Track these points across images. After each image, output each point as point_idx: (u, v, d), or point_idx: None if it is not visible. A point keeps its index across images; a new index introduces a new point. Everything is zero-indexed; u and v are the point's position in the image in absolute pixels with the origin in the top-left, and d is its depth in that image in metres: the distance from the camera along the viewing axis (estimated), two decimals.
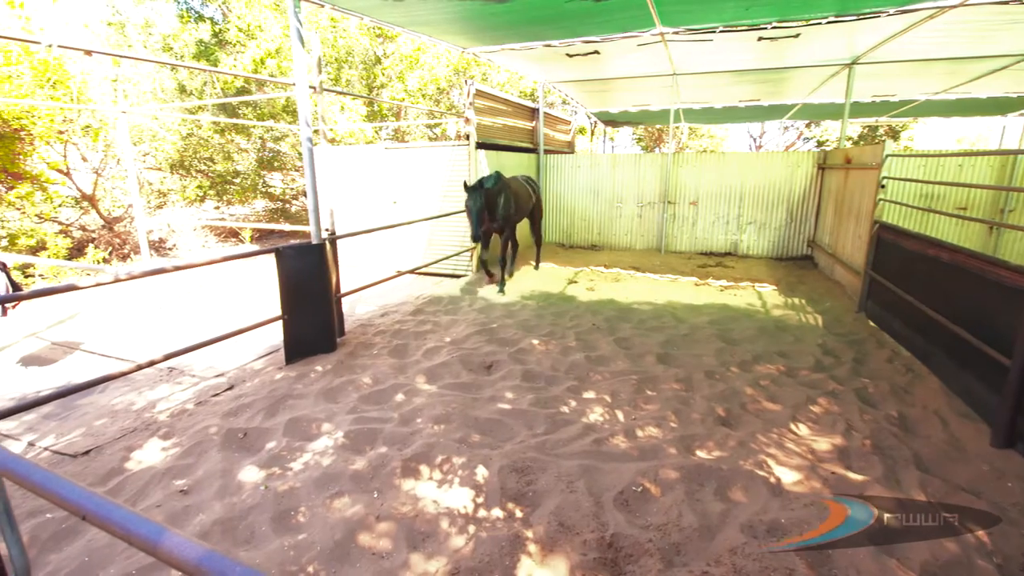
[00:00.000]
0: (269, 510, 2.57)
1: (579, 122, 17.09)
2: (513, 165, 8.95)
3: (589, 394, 3.79)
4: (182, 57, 12.14)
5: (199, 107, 12.30)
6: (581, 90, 10.74)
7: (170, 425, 3.43)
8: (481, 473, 2.84)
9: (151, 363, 3.48)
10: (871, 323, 5.29)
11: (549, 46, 6.87)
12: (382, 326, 5.40)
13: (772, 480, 2.76)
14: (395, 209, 8.10)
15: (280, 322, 4.36)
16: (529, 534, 2.40)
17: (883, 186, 5.31)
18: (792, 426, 3.31)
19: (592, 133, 18.30)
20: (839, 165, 7.29)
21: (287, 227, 10.12)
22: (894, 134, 19.13)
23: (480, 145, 7.67)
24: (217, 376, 4.25)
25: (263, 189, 13.68)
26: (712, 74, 8.76)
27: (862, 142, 19.37)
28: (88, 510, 1.00)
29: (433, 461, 2.96)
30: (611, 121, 16.15)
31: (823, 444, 3.09)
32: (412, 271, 7.11)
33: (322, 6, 4.99)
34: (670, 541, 2.36)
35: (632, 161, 9.90)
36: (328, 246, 4.66)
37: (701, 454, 3.03)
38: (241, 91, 12.57)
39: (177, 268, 3.65)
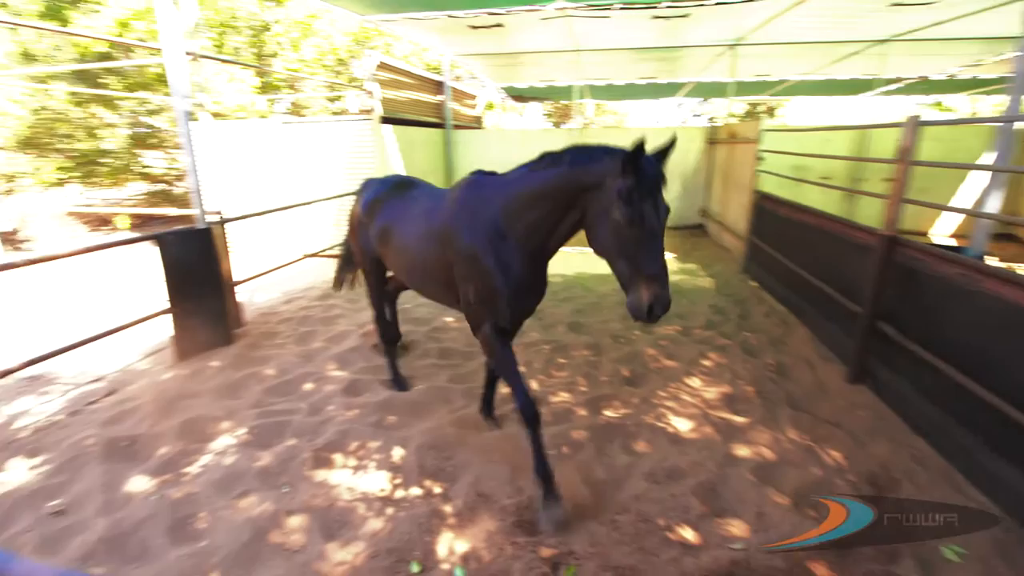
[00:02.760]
0: (164, 520, 2.37)
1: (488, 97, 16.94)
2: (421, 140, 8.71)
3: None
4: (21, 16, 10.33)
5: (50, 75, 10.59)
6: (488, 64, 10.62)
7: (36, 441, 3.03)
8: (398, 454, 2.82)
9: (5, 373, 3.03)
10: (753, 283, 5.87)
11: (452, 17, 6.68)
12: (286, 313, 5.10)
13: (671, 430, 3.02)
14: (296, 188, 7.60)
15: (168, 316, 3.97)
16: (448, 508, 2.43)
17: (761, 158, 5.83)
18: (687, 380, 3.61)
19: (502, 108, 18.23)
20: (725, 140, 7.90)
21: (172, 211, 9.15)
22: (772, 112, 21.02)
23: (385, 120, 7.36)
24: (93, 381, 3.80)
25: (140, 170, 12.20)
26: (613, 51, 9.02)
27: (747, 119, 21.08)
28: None
29: (347, 448, 2.89)
30: (519, 96, 16.16)
31: (713, 393, 3.42)
32: (319, 254, 6.75)
33: None
34: (583, 496, 2.50)
35: (541, 136, 10.03)
36: (217, 230, 4.28)
37: (609, 413, 3.22)
38: (105, 57, 10.98)
39: (31, 262, 3.16)
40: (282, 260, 5.68)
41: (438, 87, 9.82)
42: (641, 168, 1.83)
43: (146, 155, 12.53)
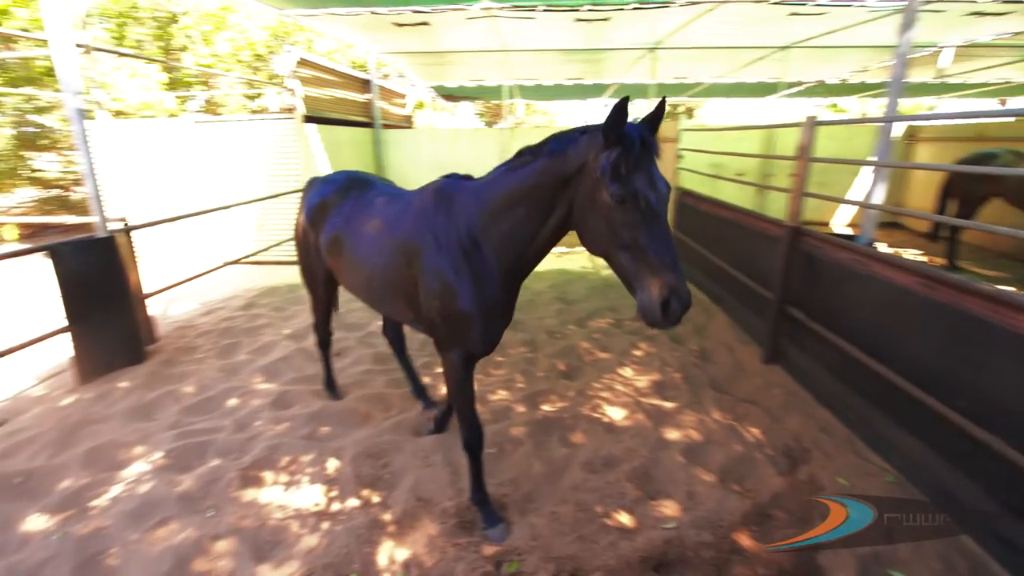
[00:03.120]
0: (68, 560, 2.15)
1: (418, 96, 16.70)
2: (348, 140, 8.43)
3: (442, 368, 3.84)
4: None
5: None
6: (416, 63, 10.45)
7: None
8: (333, 466, 2.73)
9: None
10: None
11: (376, 13, 6.51)
12: (206, 326, 4.78)
13: (606, 420, 3.12)
14: (214, 192, 7.12)
15: (66, 335, 3.59)
16: (387, 516, 2.38)
17: (680, 157, 6.15)
18: (620, 370, 3.76)
19: (432, 107, 18.04)
20: None
21: (70, 219, 8.29)
22: (691, 112, 22.24)
23: (309, 119, 7.06)
24: None
25: (30, 174, 10.96)
26: (541, 52, 9.15)
27: (667, 119, 22.12)
28: None
29: (277, 464, 2.75)
30: (450, 95, 16.05)
31: (644, 381, 3.58)
32: (240, 260, 6.37)
33: None
34: (523, 492, 2.54)
35: (472, 136, 9.99)
36: (122, 239, 3.93)
37: (546, 407, 3.28)
38: None
39: None
40: (200, 269, 5.31)
41: (365, 85, 9.55)
42: (627, 135, 1.54)
43: (37, 157, 11.27)
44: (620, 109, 1.50)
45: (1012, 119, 7.78)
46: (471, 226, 2.01)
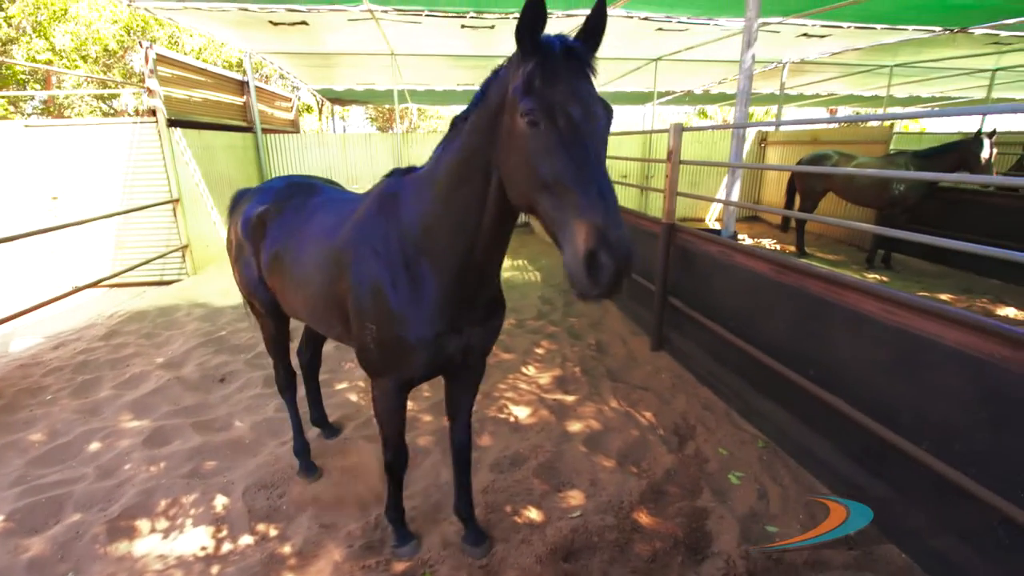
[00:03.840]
0: None
1: (304, 99, 15.81)
2: (223, 145, 7.76)
3: (342, 384, 3.68)
4: None
5: None
6: (298, 64, 9.89)
7: None
8: (221, 503, 2.49)
9: None
10: None
11: (246, 10, 6.07)
12: (56, 362, 4.12)
13: (512, 420, 3.19)
14: (56, 207, 6.17)
15: None
16: (287, 549, 2.23)
17: None
18: (523, 369, 3.86)
19: (320, 112, 17.20)
20: None
21: None
22: None
23: (175, 123, 6.39)
24: None
25: None
26: (430, 57, 9.11)
27: None
28: None
29: (154, 510, 2.46)
30: (338, 99, 15.41)
31: (546, 378, 3.70)
32: (98, 283, 5.59)
33: None
34: (431, 502, 2.51)
35: (363, 141, 9.70)
36: None
37: None
38: None
39: None
40: (45, 296, 4.57)
41: (241, 87, 8.86)
42: (546, 43, 1.21)
43: None
44: (533, 6, 1.14)
45: (836, 125, 9.18)
46: (411, 228, 1.67)
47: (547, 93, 1.17)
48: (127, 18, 13.43)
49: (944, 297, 5.45)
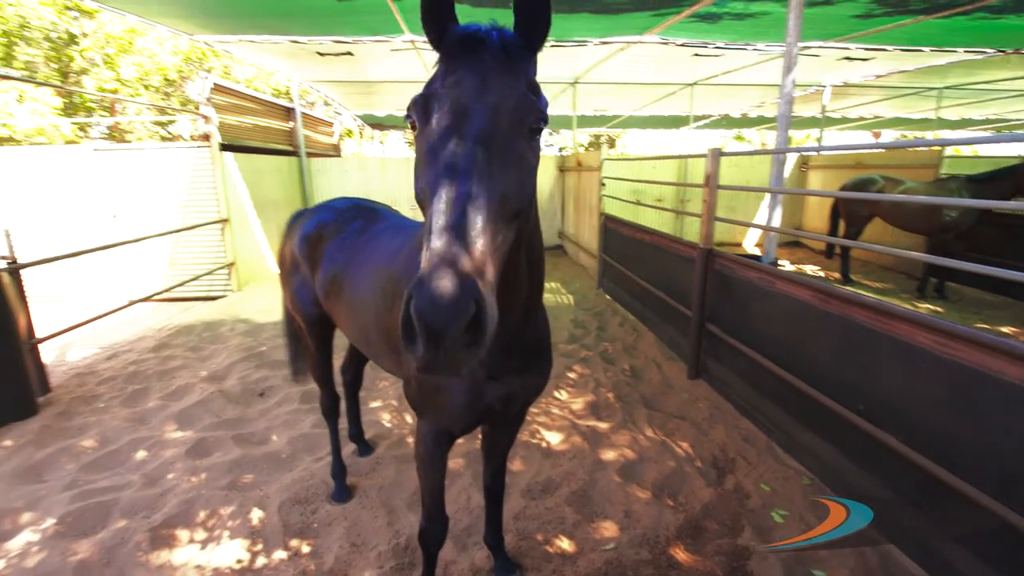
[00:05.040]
0: None
1: (345, 125, 16.46)
2: (271, 169, 8.14)
3: (376, 403, 3.72)
4: None
5: None
6: (341, 91, 10.35)
7: None
8: (257, 516, 2.54)
9: None
10: (607, 297, 6.44)
11: (296, 42, 6.42)
12: (109, 372, 4.34)
13: (544, 445, 3.14)
14: (116, 225, 6.57)
15: None
16: (319, 567, 2.24)
17: (604, 184, 6.48)
18: (556, 393, 3.81)
19: (360, 136, 17.83)
20: (574, 167, 8.64)
21: None
22: (612, 142, 23.55)
23: (226, 147, 6.75)
24: None
25: None
26: None
27: (591, 148, 23.31)
28: None
29: (194, 520, 2.52)
30: (378, 124, 15.98)
31: (579, 403, 3.65)
32: (150, 298, 5.89)
33: None
34: (461, 526, 2.48)
35: (402, 164, 9.98)
36: (6, 278, 3.52)
37: None
38: None
39: None
40: (102, 309, 4.84)
41: (288, 113, 9.30)
42: (448, 30, 1.03)
43: None
44: None
45: (881, 150, 8.89)
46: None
47: (428, 92, 1.01)
48: (187, 49, 14.37)
49: (1005, 330, 5.13)
